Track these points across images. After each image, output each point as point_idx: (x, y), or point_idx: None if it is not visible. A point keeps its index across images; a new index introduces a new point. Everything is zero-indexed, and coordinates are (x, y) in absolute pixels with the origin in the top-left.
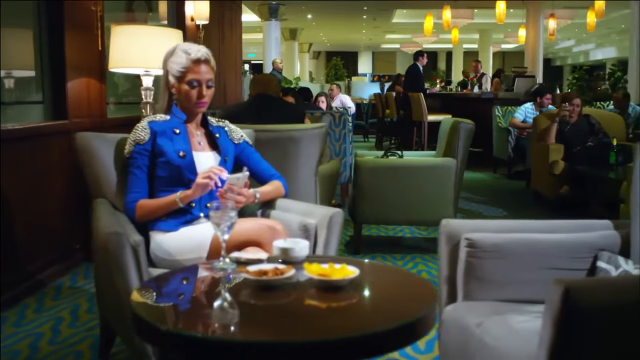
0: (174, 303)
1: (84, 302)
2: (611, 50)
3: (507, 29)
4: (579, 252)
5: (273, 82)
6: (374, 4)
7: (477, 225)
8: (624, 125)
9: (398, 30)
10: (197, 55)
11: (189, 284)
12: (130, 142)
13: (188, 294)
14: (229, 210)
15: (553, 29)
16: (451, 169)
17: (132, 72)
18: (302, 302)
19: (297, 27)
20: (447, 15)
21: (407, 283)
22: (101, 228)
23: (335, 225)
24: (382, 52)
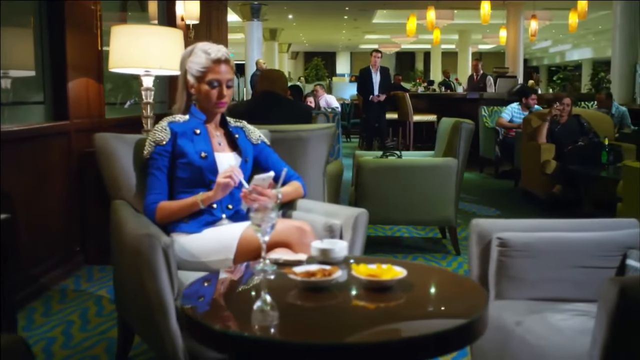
0: (224, 304)
1: (92, 305)
2: (587, 51)
3: (486, 30)
4: (608, 250)
5: (281, 78)
6: (356, 4)
7: (508, 225)
8: (612, 125)
9: (378, 31)
10: (218, 55)
11: (235, 285)
12: (149, 143)
13: (235, 295)
14: (270, 211)
15: (535, 30)
16: (452, 169)
17: (132, 72)
18: (353, 303)
19: (277, 28)
20: (432, 16)
21: (455, 283)
22: (131, 230)
23: (361, 225)
24: (360, 53)
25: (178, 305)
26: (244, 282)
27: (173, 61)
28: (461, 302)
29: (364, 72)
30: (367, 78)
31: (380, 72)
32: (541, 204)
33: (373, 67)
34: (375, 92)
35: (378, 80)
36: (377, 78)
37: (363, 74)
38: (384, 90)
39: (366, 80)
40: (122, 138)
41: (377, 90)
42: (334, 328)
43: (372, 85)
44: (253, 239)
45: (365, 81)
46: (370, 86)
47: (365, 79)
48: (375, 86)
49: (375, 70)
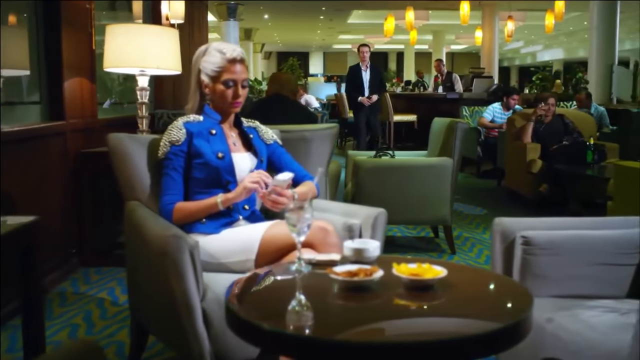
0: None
1: (94, 308)
2: (559, 51)
3: (460, 30)
4: (628, 247)
5: (290, 82)
6: (333, 4)
7: (530, 223)
8: (594, 124)
9: (352, 31)
10: (233, 54)
11: (275, 285)
12: (165, 143)
13: (278, 295)
14: (305, 211)
15: (511, 31)
16: (448, 168)
17: (127, 72)
18: (397, 302)
19: (252, 27)
20: (410, 17)
21: (496, 283)
22: (155, 230)
23: (380, 225)
24: (333, 53)
25: (204, 307)
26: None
27: (170, 61)
28: (506, 301)
29: (352, 70)
30: (356, 76)
31: (371, 70)
32: (527, 202)
33: (362, 63)
34: (365, 92)
35: (368, 78)
36: (367, 76)
37: (352, 72)
38: (375, 90)
39: (355, 79)
40: (136, 138)
41: (368, 89)
42: (386, 327)
43: (362, 84)
44: (275, 239)
45: (355, 80)
46: (360, 85)
47: (355, 78)
48: (366, 85)
49: (365, 68)
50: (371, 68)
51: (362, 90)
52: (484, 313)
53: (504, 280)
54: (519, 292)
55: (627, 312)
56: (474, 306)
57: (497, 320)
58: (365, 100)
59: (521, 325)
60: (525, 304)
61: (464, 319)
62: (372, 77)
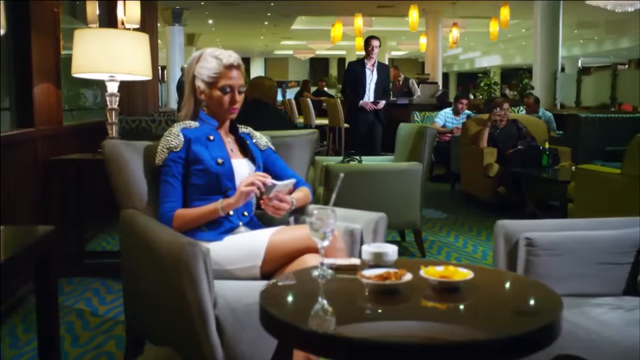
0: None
1: (75, 319)
2: (496, 58)
3: (402, 37)
4: (625, 247)
5: (272, 88)
6: (278, 10)
7: (532, 225)
8: (546, 129)
9: (295, 37)
10: (230, 60)
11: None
12: (162, 150)
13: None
14: (329, 217)
15: (456, 38)
16: (418, 173)
17: (96, 78)
18: (428, 304)
19: (196, 33)
20: (359, 23)
21: (523, 285)
22: (167, 237)
23: (381, 229)
24: (274, 58)
25: (216, 314)
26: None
27: (141, 66)
28: (535, 303)
29: (354, 68)
30: (359, 76)
31: (378, 70)
32: (484, 205)
33: (368, 60)
34: (369, 96)
35: (374, 79)
36: (373, 76)
37: (353, 69)
38: (382, 95)
39: (357, 79)
40: (131, 145)
41: (373, 94)
42: (422, 328)
43: (364, 85)
44: (281, 245)
45: (356, 79)
46: (363, 87)
47: (356, 77)
48: (370, 88)
49: (372, 66)
50: (379, 68)
51: (364, 94)
52: (515, 315)
53: (529, 282)
54: (547, 293)
55: (631, 309)
56: (504, 308)
57: (529, 323)
58: (370, 105)
59: (553, 327)
60: (555, 305)
61: (494, 321)
62: (378, 79)
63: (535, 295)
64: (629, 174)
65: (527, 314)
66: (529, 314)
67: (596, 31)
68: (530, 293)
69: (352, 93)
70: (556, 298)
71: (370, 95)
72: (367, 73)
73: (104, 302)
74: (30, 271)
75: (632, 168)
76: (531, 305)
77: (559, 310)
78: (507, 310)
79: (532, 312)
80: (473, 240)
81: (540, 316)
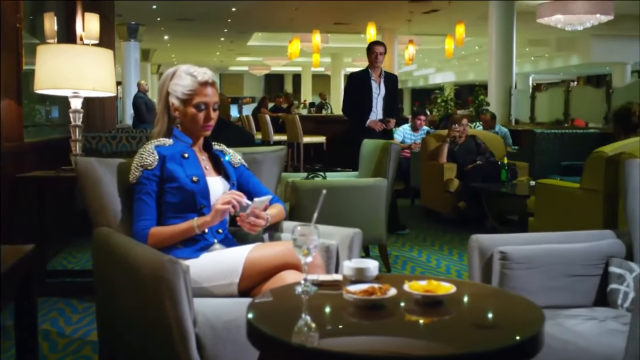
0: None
1: (42, 341)
2: (450, 74)
3: (358, 54)
4: (594, 259)
5: (226, 103)
6: (235, 26)
7: (505, 239)
8: (504, 145)
9: (251, 53)
10: (205, 77)
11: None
12: (136, 167)
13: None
14: (312, 234)
15: (412, 55)
16: (383, 188)
17: (59, 94)
18: (413, 319)
19: (151, 48)
20: (317, 40)
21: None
22: (147, 255)
23: (357, 245)
24: (229, 74)
25: (196, 332)
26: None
27: (105, 82)
28: (518, 316)
29: (356, 79)
30: (364, 88)
31: (386, 81)
32: (445, 220)
33: (374, 70)
34: (377, 114)
35: (382, 93)
36: (380, 90)
37: (355, 81)
38: (392, 112)
39: (360, 92)
40: (105, 162)
41: (380, 110)
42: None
43: (370, 101)
44: (258, 262)
45: (359, 93)
46: (368, 103)
47: (359, 90)
48: (377, 103)
49: (378, 77)
50: (386, 78)
51: (370, 110)
52: (499, 328)
53: (510, 295)
54: (528, 306)
55: (604, 319)
56: (488, 321)
57: (513, 335)
58: (379, 125)
59: (537, 339)
60: (538, 317)
61: (479, 334)
62: (387, 91)
63: (517, 308)
64: (587, 188)
65: (511, 327)
66: (513, 327)
67: (547, 49)
68: (512, 306)
69: (355, 110)
70: (538, 310)
71: (378, 112)
72: (373, 85)
73: (70, 322)
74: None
75: (590, 182)
76: (514, 318)
77: (541, 322)
78: (491, 323)
79: (515, 325)
80: (436, 254)
81: (524, 329)
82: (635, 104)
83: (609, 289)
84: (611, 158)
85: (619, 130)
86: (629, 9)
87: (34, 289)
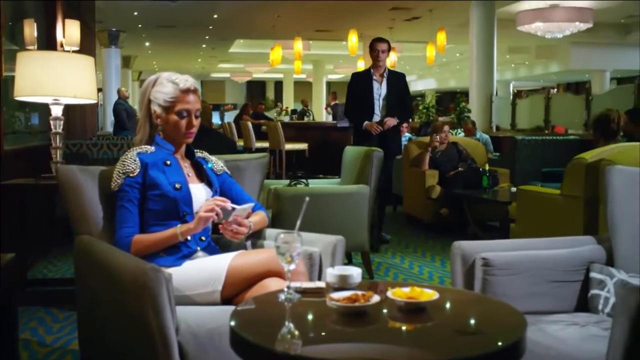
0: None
1: (22, 350)
2: (431, 81)
3: (340, 61)
4: (575, 265)
5: (208, 110)
6: (217, 33)
7: (488, 245)
8: (485, 152)
9: (233, 60)
10: (186, 85)
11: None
12: (118, 175)
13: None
14: (295, 241)
15: (394, 62)
16: (366, 195)
17: (40, 101)
18: (397, 325)
19: (132, 55)
20: (299, 47)
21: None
22: (130, 264)
23: (339, 252)
24: (211, 81)
25: (179, 340)
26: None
27: (86, 89)
28: (501, 322)
29: (357, 80)
30: (363, 89)
31: (389, 80)
32: (427, 226)
33: (375, 69)
34: (379, 116)
35: (383, 92)
36: (382, 89)
37: (356, 82)
38: (397, 111)
39: (361, 93)
40: (86, 170)
41: (382, 111)
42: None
43: (371, 101)
44: (241, 269)
45: (359, 94)
46: (369, 104)
47: (360, 91)
48: (378, 104)
49: (380, 76)
50: (389, 77)
51: (372, 112)
52: (482, 334)
53: (493, 301)
54: (511, 312)
55: (585, 325)
56: (471, 327)
57: (496, 341)
58: (375, 127)
59: (519, 344)
60: (520, 323)
61: (462, 341)
62: (390, 92)
63: (499, 314)
64: (568, 194)
65: (493, 333)
66: (495, 333)
67: (527, 56)
68: (494, 312)
69: (355, 112)
70: (520, 316)
71: (379, 113)
72: (374, 86)
73: (51, 332)
74: None
75: (571, 189)
76: (497, 325)
77: (523, 328)
78: (474, 329)
79: (498, 331)
80: (419, 261)
81: (506, 335)
82: (615, 111)
83: (590, 295)
84: (591, 164)
85: (599, 136)
86: (608, 17)
87: (14, 298)
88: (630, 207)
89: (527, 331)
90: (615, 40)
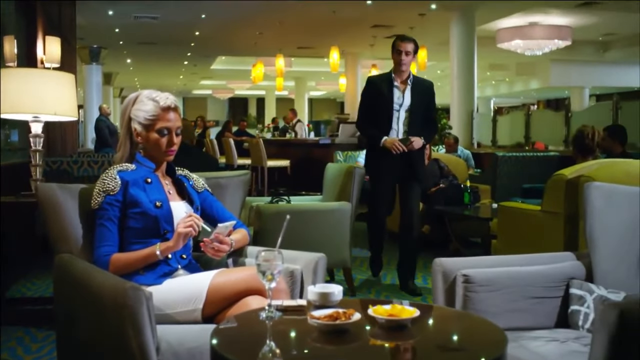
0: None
1: None
2: None
3: (321, 77)
4: (554, 281)
5: (189, 128)
6: (198, 50)
7: (469, 262)
8: (466, 168)
9: (215, 77)
10: (167, 102)
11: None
12: (99, 193)
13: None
14: (276, 259)
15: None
16: (347, 212)
17: (19, 118)
18: (378, 343)
19: (113, 72)
20: (281, 63)
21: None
22: (109, 282)
23: (321, 269)
24: (193, 98)
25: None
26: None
27: (67, 107)
28: (481, 339)
29: (375, 85)
30: (381, 97)
31: (414, 87)
32: None
33: (397, 75)
34: (398, 131)
35: (406, 103)
36: (404, 99)
37: (372, 88)
38: (425, 130)
39: (377, 102)
40: (66, 188)
41: (403, 126)
42: None
43: (389, 114)
44: (222, 288)
45: (375, 103)
46: (387, 116)
47: (376, 100)
48: (399, 117)
49: (402, 83)
50: (415, 84)
51: (388, 125)
52: (462, 351)
53: (473, 318)
54: (491, 329)
55: (565, 341)
56: (451, 344)
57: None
58: (396, 145)
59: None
60: (500, 340)
61: (442, 357)
62: (414, 103)
63: (480, 331)
64: (548, 210)
65: (474, 349)
66: (476, 349)
67: (507, 73)
68: (475, 328)
69: (370, 126)
70: (501, 333)
71: (399, 129)
72: (394, 93)
73: (30, 351)
74: None
75: (551, 205)
76: (478, 341)
77: (504, 345)
78: (455, 346)
79: (479, 347)
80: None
81: (487, 351)
82: (589, 127)
83: (570, 311)
84: (571, 181)
85: (577, 153)
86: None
87: None
88: (609, 223)
89: (507, 347)
90: (594, 57)
